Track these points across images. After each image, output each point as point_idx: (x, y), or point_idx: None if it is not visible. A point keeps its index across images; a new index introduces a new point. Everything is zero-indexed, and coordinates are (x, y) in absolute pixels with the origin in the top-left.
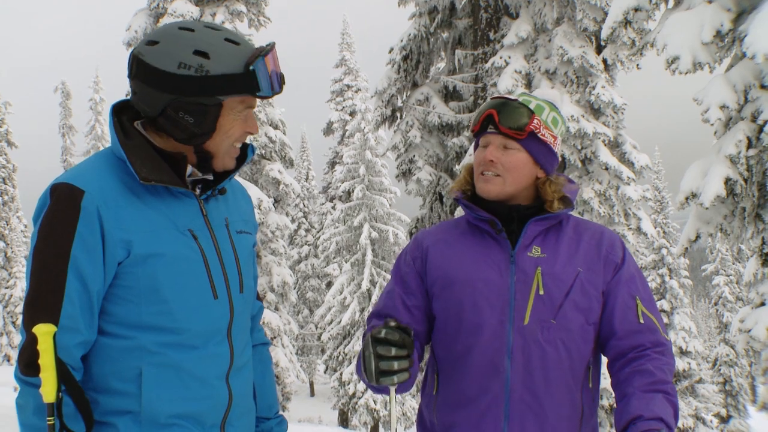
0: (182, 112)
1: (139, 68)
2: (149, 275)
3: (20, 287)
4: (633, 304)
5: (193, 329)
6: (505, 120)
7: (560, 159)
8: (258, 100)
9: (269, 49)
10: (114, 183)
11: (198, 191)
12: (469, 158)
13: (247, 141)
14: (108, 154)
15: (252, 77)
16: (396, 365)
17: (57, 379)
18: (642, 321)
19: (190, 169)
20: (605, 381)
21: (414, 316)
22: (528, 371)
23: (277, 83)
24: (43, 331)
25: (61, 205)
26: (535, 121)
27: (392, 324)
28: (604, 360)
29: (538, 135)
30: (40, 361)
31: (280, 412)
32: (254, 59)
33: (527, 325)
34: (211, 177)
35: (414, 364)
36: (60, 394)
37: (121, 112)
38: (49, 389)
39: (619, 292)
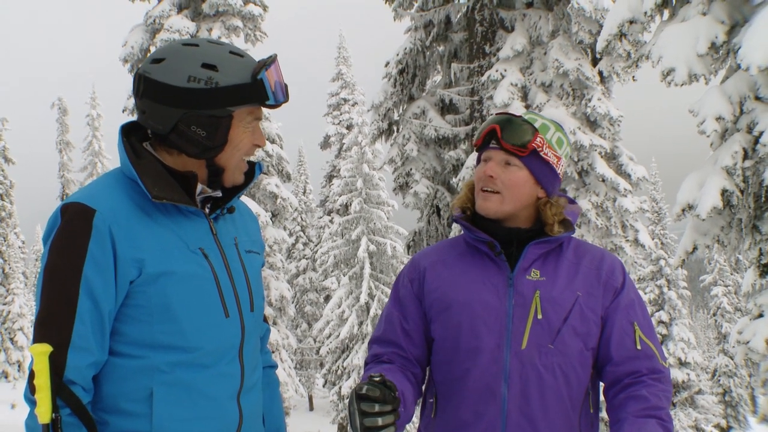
0: (194, 126)
1: (147, 86)
2: (161, 294)
3: (18, 304)
4: (631, 330)
5: (205, 348)
6: (507, 136)
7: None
8: (262, 113)
9: (272, 60)
10: (125, 202)
11: (207, 210)
12: (467, 172)
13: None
14: (118, 174)
15: (260, 86)
16: (380, 421)
17: (52, 400)
18: (639, 347)
19: (199, 188)
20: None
21: (413, 340)
22: (525, 396)
23: (282, 93)
24: (38, 351)
25: (73, 225)
26: (538, 139)
27: (376, 379)
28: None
29: (541, 154)
30: (35, 382)
31: None
32: (260, 69)
33: (525, 350)
34: (220, 194)
35: (403, 416)
36: (55, 415)
37: (129, 132)
38: (44, 410)
39: (617, 317)
